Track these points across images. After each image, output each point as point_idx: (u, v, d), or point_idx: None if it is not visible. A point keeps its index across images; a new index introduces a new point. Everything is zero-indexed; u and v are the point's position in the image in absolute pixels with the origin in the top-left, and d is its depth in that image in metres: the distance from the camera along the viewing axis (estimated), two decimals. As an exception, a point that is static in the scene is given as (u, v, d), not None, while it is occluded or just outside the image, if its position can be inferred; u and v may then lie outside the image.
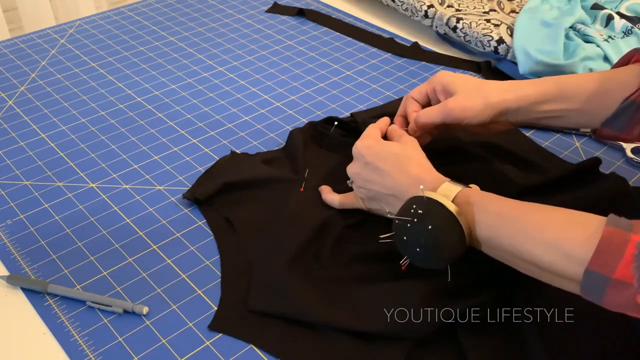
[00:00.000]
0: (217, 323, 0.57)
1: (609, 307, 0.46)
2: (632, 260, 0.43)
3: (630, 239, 0.44)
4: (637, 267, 0.43)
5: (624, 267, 0.44)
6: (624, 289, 0.44)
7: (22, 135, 0.81)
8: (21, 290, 0.60)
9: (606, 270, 0.44)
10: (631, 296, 0.43)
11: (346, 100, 0.89)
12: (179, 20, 1.11)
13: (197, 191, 0.69)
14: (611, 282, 0.44)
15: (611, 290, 0.44)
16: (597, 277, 0.45)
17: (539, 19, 0.95)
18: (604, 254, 0.45)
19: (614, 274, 0.44)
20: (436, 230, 0.52)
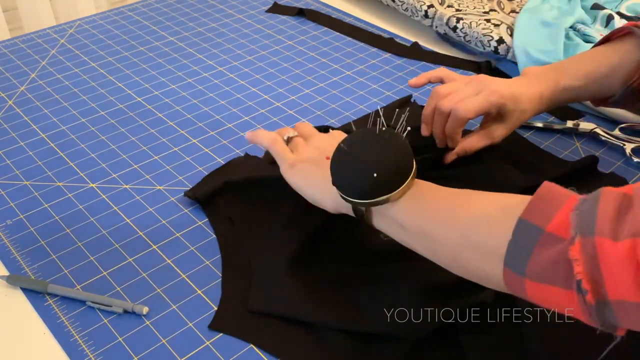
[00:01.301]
0: (217, 323, 0.57)
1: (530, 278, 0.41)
2: (571, 209, 0.40)
3: (572, 194, 0.42)
4: (577, 214, 0.39)
5: (562, 216, 0.40)
6: (556, 243, 0.40)
7: (22, 135, 0.81)
8: (21, 290, 0.60)
9: (541, 220, 0.41)
10: (562, 251, 0.39)
11: (346, 100, 0.89)
12: (179, 20, 1.11)
13: (198, 190, 0.69)
14: (543, 235, 0.40)
15: (540, 247, 0.40)
16: (529, 229, 0.41)
17: (539, 19, 0.95)
18: (542, 202, 0.42)
19: (549, 225, 0.40)
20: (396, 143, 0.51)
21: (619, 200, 0.39)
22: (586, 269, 0.38)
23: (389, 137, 0.52)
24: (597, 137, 0.80)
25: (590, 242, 0.38)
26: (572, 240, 0.39)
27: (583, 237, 0.38)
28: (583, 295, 0.38)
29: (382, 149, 0.51)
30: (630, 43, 0.68)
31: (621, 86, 0.69)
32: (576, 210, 0.40)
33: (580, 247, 0.38)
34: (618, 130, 0.81)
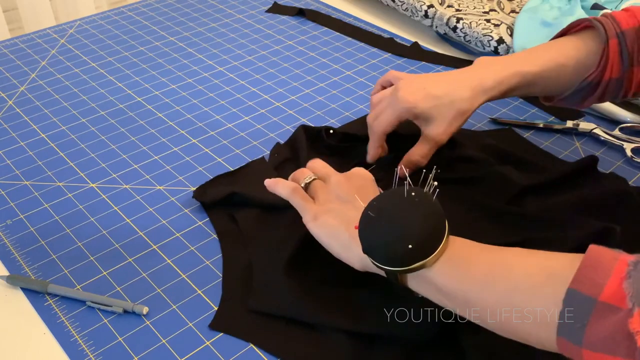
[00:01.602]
0: (218, 322, 0.57)
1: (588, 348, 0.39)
2: (623, 276, 0.38)
3: (619, 257, 0.39)
4: (631, 284, 0.37)
5: (614, 284, 0.38)
6: (612, 313, 0.37)
7: (22, 135, 0.81)
8: (21, 290, 0.60)
9: (592, 290, 0.38)
10: (620, 322, 0.37)
11: (346, 100, 0.89)
12: (179, 20, 1.11)
13: (205, 194, 0.69)
14: (597, 305, 0.38)
15: (596, 317, 0.38)
16: (580, 299, 0.39)
17: (539, 19, 0.95)
18: (590, 269, 0.39)
19: (601, 294, 0.38)
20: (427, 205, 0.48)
21: None
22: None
23: (420, 200, 0.48)
24: (597, 137, 0.80)
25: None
26: (631, 312, 0.36)
27: None
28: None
29: (413, 215, 0.47)
30: (590, 36, 0.66)
31: (577, 79, 0.66)
32: (630, 277, 0.37)
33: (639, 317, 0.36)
34: (618, 130, 0.81)
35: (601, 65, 0.64)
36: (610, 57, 0.64)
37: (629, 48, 0.64)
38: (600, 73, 0.64)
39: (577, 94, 0.67)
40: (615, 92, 0.66)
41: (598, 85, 0.65)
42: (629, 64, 0.64)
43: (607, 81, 0.65)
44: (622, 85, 0.65)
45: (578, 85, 0.66)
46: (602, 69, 0.64)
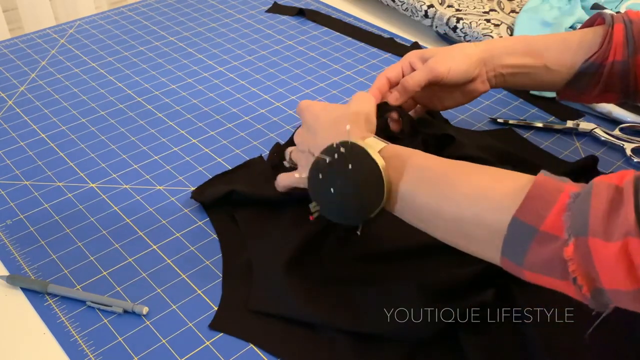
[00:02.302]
0: (218, 322, 0.57)
1: (528, 269, 0.43)
2: (564, 209, 0.41)
3: (564, 189, 0.42)
4: (570, 216, 0.40)
5: (555, 216, 0.41)
6: (551, 242, 0.41)
7: (22, 135, 0.81)
8: (21, 290, 0.60)
9: (535, 220, 0.41)
10: (557, 250, 0.40)
11: (346, 100, 0.89)
12: (179, 20, 1.11)
13: (204, 193, 0.69)
14: (538, 234, 0.41)
15: (536, 244, 0.41)
16: (523, 227, 0.42)
17: (539, 19, 0.95)
18: (535, 200, 0.42)
19: (542, 225, 0.41)
20: (356, 172, 0.51)
21: (610, 195, 0.39)
22: (580, 267, 0.40)
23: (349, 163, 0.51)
24: (597, 137, 0.80)
25: (583, 242, 0.39)
26: (566, 241, 0.40)
27: (577, 237, 0.39)
28: (579, 288, 0.40)
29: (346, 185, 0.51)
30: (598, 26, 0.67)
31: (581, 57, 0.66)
32: (569, 210, 0.40)
33: (574, 248, 0.39)
34: (618, 130, 0.81)
35: (604, 45, 0.64)
36: (614, 39, 0.64)
37: (635, 34, 0.64)
38: (603, 54, 0.64)
39: (582, 78, 0.66)
40: (621, 81, 0.65)
41: (602, 69, 0.65)
42: (634, 50, 0.64)
43: (610, 63, 0.64)
44: (627, 73, 0.64)
45: (581, 65, 0.65)
46: (606, 50, 0.64)
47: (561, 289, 0.42)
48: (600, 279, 0.39)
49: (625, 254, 0.37)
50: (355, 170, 0.51)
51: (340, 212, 0.54)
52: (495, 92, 0.91)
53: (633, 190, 0.39)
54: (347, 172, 0.51)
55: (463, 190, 0.47)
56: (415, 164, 0.52)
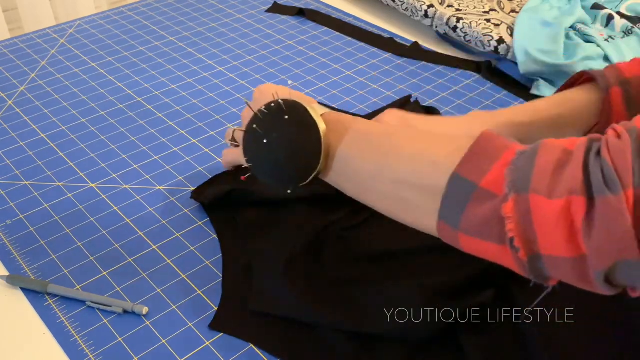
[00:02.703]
0: (218, 323, 0.57)
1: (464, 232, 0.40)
2: (507, 164, 0.38)
3: (510, 146, 0.40)
4: (512, 170, 0.38)
5: (497, 171, 0.38)
6: (490, 199, 0.38)
7: (22, 135, 0.81)
8: (21, 290, 0.60)
9: (475, 175, 0.39)
10: (495, 207, 0.38)
11: (346, 100, 0.89)
12: (179, 20, 1.11)
13: (204, 194, 0.69)
14: (477, 190, 0.39)
15: (474, 202, 0.39)
16: (463, 184, 0.39)
17: (539, 19, 0.95)
18: (478, 155, 0.40)
19: (482, 180, 0.39)
20: (291, 123, 0.49)
21: (557, 154, 0.38)
22: (518, 227, 0.37)
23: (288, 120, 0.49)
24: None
25: (524, 199, 0.37)
26: (506, 197, 0.38)
27: (517, 193, 0.37)
28: (516, 251, 0.38)
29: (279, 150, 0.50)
30: (590, 88, 0.60)
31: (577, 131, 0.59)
32: (512, 165, 0.38)
33: (513, 204, 0.37)
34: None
35: (604, 115, 0.58)
36: (613, 106, 0.57)
37: (634, 96, 0.57)
38: (604, 125, 0.57)
39: None
40: None
41: None
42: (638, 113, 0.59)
43: None
44: None
45: None
46: (607, 120, 0.57)
47: (497, 257, 0.40)
48: (539, 242, 0.37)
49: (567, 214, 0.35)
50: (291, 122, 0.49)
51: (272, 169, 0.51)
52: (495, 91, 0.91)
53: (584, 150, 0.37)
54: (283, 123, 0.49)
55: (404, 152, 0.45)
56: (357, 129, 0.50)
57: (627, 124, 0.37)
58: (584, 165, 0.36)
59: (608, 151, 0.36)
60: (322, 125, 0.50)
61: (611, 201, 0.34)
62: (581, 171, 0.36)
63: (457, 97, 0.89)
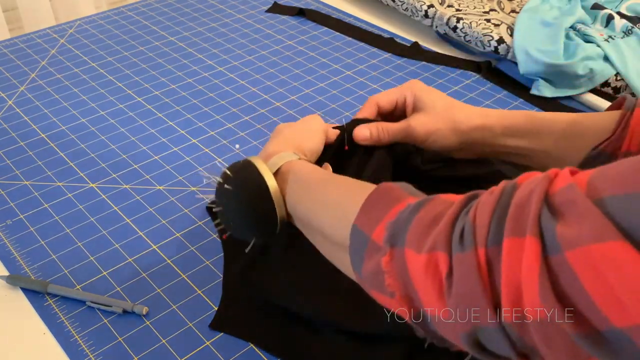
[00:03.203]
0: (218, 322, 0.57)
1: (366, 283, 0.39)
2: (393, 217, 0.37)
3: (404, 199, 0.39)
4: (392, 224, 0.37)
5: (383, 224, 0.38)
6: (377, 252, 0.38)
7: (22, 135, 0.81)
8: (21, 290, 0.60)
9: (368, 227, 0.39)
10: (379, 260, 0.37)
11: (346, 100, 0.89)
12: (179, 20, 1.11)
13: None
14: (369, 242, 0.38)
15: (367, 254, 0.38)
16: (360, 236, 0.39)
17: (539, 19, 0.95)
18: (372, 207, 0.40)
19: (373, 232, 0.38)
20: (241, 192, 0.51)
21: (439, 208, 0.36)
22: (398, 282, 0.36)
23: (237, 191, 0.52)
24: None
25: (399, 252, 0.36)
26: (384, 250, 0.37)
27: (393, 247, 0.36)
28: (402, 307, 0.37)
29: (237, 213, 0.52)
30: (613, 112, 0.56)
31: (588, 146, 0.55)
32: (395, 218, 0.37)
33: (389, 258, 0.36)
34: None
35: (617, 132, 0.53)
36: (631, 125, 0.53)
37: None
38: (615, 142, 0.53)
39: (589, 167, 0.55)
40: None
41: (613, 159, 0.53)
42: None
43: (624, 154, 0.53)
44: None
45: (589, 153, 0.55)
46: (619, 138, 0.53)
47: (395, 309, 0.38)
48: (420, 297, 0.35)
49: (435, 270, 0.34)
50: (235, 190, 0.51)
51: (235, 229, 0.53)
52: (495, 91, 0.91)
53: (460, 206, 0.35)
54: (227, 192, 0.52)
55: (326, 200, 0.46)
56: (297, 177, 0.51)
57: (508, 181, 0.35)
58: (452, 221, 0.34)
59: (476, 208, 0.34)
60: (271, 180, 0.51)
61: (463, 259, 0.32)
62: (449, 226, 0.34)
63: (457, 97, 0.89)
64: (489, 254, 0.32)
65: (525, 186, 0.33)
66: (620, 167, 0.30)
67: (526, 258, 0.30)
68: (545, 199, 0.31)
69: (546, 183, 0.32)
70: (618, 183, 0.29)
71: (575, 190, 0.30)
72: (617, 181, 0.29)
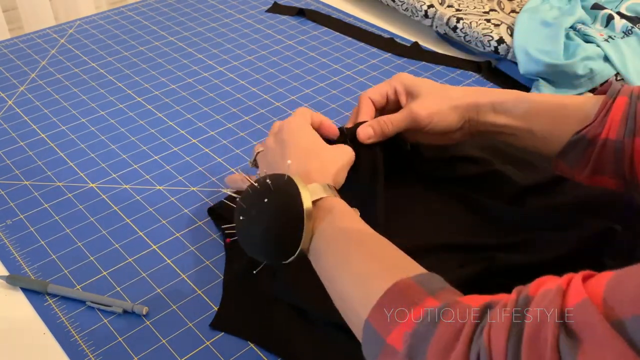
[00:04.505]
0: (218, 322, 0.57)
1: None
2: (410, 325, 0.36)
3: (422, 302, 0.37)
4: (412, 335, 0.36)
5: (400, 330, 0.36)
6: (394, 356, 0.36)
7: (22, 135, 0.81)
8: (21, 290, 0.60)
9: (382, 329, 0.38)
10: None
11: (346, 100, 0.89)
12: (179, 20, 1.11)
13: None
14: (384, 346, 0.37)
15: (383, 355, 0.37)
16: (373, 334, 0.38)
17: (539, 19, 0.95)
18: (387, 307, 0.38)
19: (388, 336, 0.37)
20: (271, 207, 0.48)
21: (458, 324, 0.35)
22: None
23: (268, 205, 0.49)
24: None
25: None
26: None
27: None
28: None
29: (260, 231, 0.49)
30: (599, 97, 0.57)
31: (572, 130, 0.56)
32: (414, 328, 0.36)
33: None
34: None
35: (598, 119, 0.55)
36: (611, 114, 0.54)
37: (638, 112, 0.53)
38: (595, 129, 0.55)
39: (570, 152, 0.57)
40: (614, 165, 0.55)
41: (593, 146, 0.55)
42: (633, 130, 0.53)
43: (603, 141, 0.54)
44: (621, 156, 0.54)
45: (571, 137, 0.56)
46: (599, 125, 0.55)
47: None
48: None
49: None
50: (269, 205, 0.49)
51: (248, 245, 0.51)
52: (495, 92, 0.91)
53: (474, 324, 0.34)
54: (262, 205, 0.49)
55: (352, 270, 0.44)
56: (334, 224, 0.48)
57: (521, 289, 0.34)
58: (468, 344, 0.33)
59: (489, 329, 0.33)
60: (309, 205, 0.48)
61: None
62: (465, 351, 0.33)
63: (457, 97, 0.89)
64: None
65: (538, 302, 0.32)
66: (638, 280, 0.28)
67: None
68: (561, 320, 0.30)
69: (560, 300, 0.31)
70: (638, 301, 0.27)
71: (591, 309, 0.29)
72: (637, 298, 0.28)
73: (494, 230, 0.63)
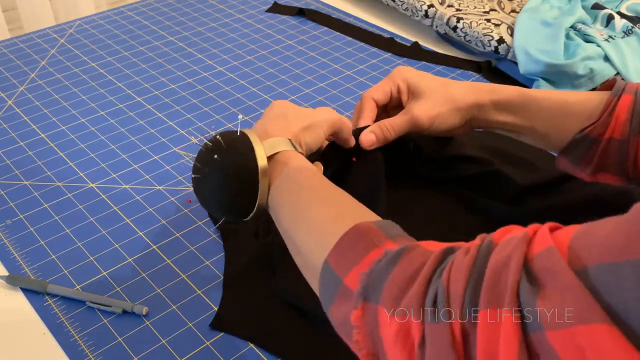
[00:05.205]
0: (218, 322, 0.57)
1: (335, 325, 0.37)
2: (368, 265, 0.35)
3: (382, 244, 0.37)
4: (368, 275, 0.35)
5: (359, 269, 0.35)
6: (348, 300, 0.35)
7: (22, 135, 0.81)
8: (21, 290, 0.60)
9: (341, 270, 0.37)
10: (348, 311, 0.35)
11: (346, 100, 0.89)
12: (179, 20, 1.11)
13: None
14: (341, 286, 0.36)
15: (338, 298, 0.36)
16: (331, 275, 0.37)
17: (540, 19, 0.95)
18: (347, 248, 0.37)
19: (345, 277, 0.36)
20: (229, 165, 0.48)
21: (417, 264, 0.34)
22: (367, 339, 0.34)
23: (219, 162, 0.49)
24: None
25: (373, 310, 0.34)
26: (356, 304, 0.35)
27: (366, 302, 0.34)
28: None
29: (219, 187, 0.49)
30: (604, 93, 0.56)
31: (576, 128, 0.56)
32: (370, 268, 0.35)
33: (361, 312, 0.34)
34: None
35: (602, 118, 0.54)
36: (616, 112, 0.53)
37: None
38: (600, 127, 0.54)
39: (574, 150, 0.57)
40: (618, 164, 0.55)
41: (596, 145, 0.55)
42: (638, 130, 0.53)
43: (607, 140, 0.54)
44: (626, 155, 0.54)
45: (574, 136, 0.56)
46: (604, 124, 0.54)
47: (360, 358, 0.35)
48: None
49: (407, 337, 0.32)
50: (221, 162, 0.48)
51: (209, 201, 0.51)
52: (495, 92, 0.91)
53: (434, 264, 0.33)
54: (213, 161, 0.49)
55: (309, 217, 0.44)
56: (290, 175, 0.48)
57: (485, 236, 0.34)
58: (426, 283, 0.32)
59: (449, 269, 0.32)
60: (263, 164, 0.48)
61: (436, 331, 0.30)
62: (422, 290, 0.32)
63: (457, 97, 0.89)
64: (464, 327, 0.30)
65: (502, 247, 0.31)
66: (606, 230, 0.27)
67: (504, 334, 0.28)
68: (524, 265, 0.29)
69: (524, 246, 0.30)
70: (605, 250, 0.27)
71: (556, 256, 0.28)
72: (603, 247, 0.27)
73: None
